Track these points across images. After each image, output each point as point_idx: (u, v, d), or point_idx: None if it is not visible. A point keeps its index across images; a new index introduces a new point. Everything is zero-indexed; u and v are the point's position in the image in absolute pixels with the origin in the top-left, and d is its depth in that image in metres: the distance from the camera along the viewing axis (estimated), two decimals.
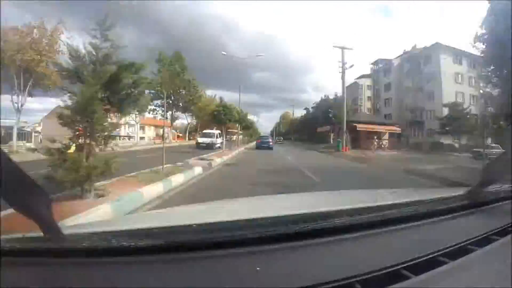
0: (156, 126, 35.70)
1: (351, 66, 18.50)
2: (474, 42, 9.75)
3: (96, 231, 0.60)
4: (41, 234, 0.61)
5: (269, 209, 0.67)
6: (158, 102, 22.89)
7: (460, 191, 0.84)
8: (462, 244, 0.58)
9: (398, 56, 32.33)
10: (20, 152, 10.42)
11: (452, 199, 0.80)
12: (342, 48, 18.68)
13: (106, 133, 3.24)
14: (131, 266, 0.52)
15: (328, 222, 0.65)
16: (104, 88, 3.19)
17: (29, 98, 12.44)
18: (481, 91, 18.74)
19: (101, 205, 2.72)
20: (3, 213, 1.88)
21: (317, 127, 31.79)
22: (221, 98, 24.53)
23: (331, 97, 30.38)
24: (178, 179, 4.69)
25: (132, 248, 0.55)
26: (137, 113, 17.03)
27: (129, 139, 28.41)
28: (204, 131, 21.07)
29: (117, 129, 4.25)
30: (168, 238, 0.57)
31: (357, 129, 21.31)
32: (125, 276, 0.49)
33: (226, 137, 18.66)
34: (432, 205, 0.75)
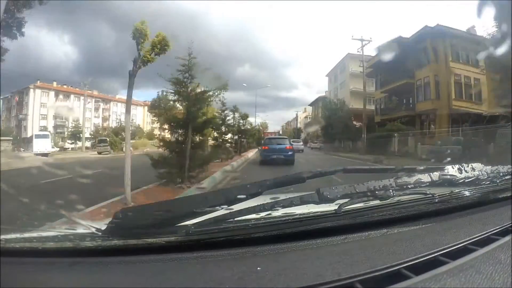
0: None
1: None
2: None
3: (97, 230, 0.61)
4: (41, 234, 0.61)
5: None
6: None
7: (460, 191, 0.84)
8: (462, 244, 0.58)
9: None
10: None
11: (452, 199, 0.80)
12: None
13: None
14: (131, 265, 0.52)
15: (329, 222, 0.65)
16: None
17: None
18: None
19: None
20: None
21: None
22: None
23: None
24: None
25: (132, 247, 0.55)
26: None
27: None
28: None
29: None
30: (168, 238, 0.57)
31: None
32: (125, 275, 0.49)
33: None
34: (432, 205, 0.76)
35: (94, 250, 0.55)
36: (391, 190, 0.67)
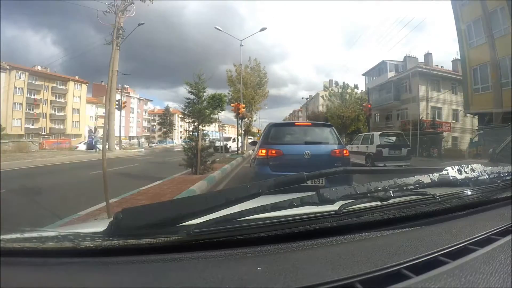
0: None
1: None
2: None
3: (96, 230, 0.60)
4: (41, 234, 0.60)
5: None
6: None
7: (461, 191, 0.85)
8: (463, 244, 0.58)
9: None
10: None
11: (453, 199, 0.81)
12: None
13: None
14: (131, 265, 0.52)
15: (329, 223, 0.65)
16: None
17: None
18: None
19: None
20: None
21: None
22: None
23: None
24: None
25: (132, 247, 0.55)
26: None
27: None
28: None
29: None
30: (168, 238, 0.57)
31: None
32: (125, 275, 0.49)
33: None
34: (433, 205, 0.76)
35: (94, 250, 0.55)
36: (391, 191, 0.67)
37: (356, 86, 27.23)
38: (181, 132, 56.93)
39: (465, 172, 0.78)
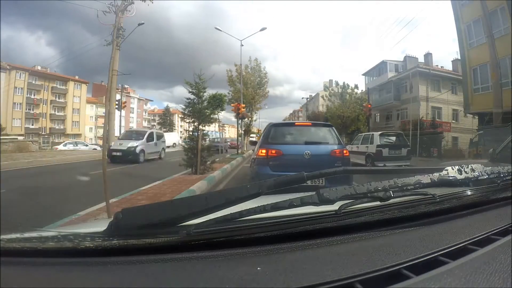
0: None
1: None
2: None
3: (96, 230, 0.60)
4: (41, 234, 0.61)
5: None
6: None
7: (461, 191, 0.85)
8: (463, 244, 0.57)
9: None
10: None
11: (453, 199, 0.81)
12: None
13: None
14: (131, 265, 0.52)
15: (329, 223, 0.65)
16: None
17: None
18: None
19: None
20: None
21: None
22: None
23: None
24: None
25: (132, 247, 0.55)
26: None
27: None
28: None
29: None
30: (168, 238, 0.57)
31: None
32: (125, 276, 0.49)
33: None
34: (433, 205, 0.75)
35: (94, 250, 0.55)
36: (391, 191, 0.67)
37: (356, 86, 27.43)
38: (181, 132, 56.90)
39: (465, 172, 0.78)
